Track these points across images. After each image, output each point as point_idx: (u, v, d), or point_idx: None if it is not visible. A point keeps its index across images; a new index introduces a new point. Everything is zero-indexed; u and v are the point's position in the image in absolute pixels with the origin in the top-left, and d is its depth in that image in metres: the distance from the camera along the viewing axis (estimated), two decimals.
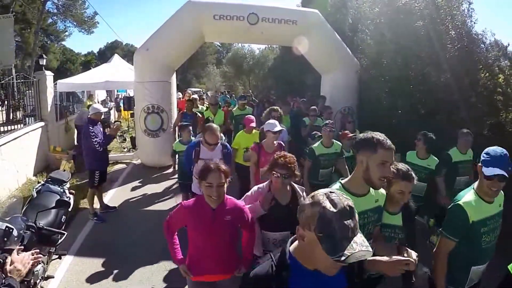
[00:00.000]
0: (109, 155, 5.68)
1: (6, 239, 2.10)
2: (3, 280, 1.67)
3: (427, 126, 5.45)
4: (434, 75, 5.72)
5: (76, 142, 9.27)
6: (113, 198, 5.87)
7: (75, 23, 22.70)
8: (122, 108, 12.79)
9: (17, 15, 16.37)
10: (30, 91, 7.76)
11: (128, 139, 9.96)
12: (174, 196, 5.80)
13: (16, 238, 2.20)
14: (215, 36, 8.68)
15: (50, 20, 23.26)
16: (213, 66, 34.69)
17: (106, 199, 5.60)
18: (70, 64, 38.89)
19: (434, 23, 5.71)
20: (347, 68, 7.67)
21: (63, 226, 3.27)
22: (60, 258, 3.52)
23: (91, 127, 4.67)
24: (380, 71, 6.73)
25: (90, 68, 16.22)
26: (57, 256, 3.40)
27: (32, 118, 7.48)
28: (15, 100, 8.53)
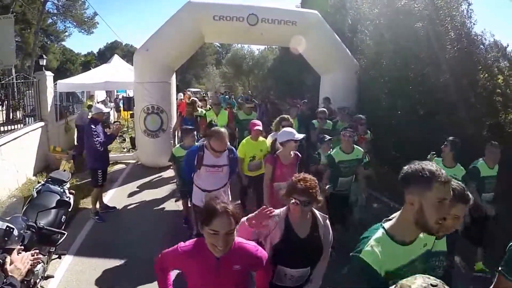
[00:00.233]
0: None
1: (6, 239, 2.11)
2: (5, 280, 1.68)
3: (427, 127, 5.48)
4: (433, 76, 5.74)
5: (76, 142, 9.28)
6: (112, 198, 5.88)
7: (75, 24, 22.72)
8: (122, 108, 12.80)
9: (17, 15, 16.35)
10: (30, 91, 7.76)
11: (127, 139, 9.97)
12: (174, 197, 5.80)
13: (16, 238, 2.20)
14: (214, 37, 8.69)
15: (50, 21, 23.28)
16: (212, 66, 34.71)
17: (106, 199, 5.60)
18: (70, 64, 38.93)
19: (434, 24, 5.73)
20: (347, 68, 7.68)
21: (63, 226, 3.27)
22: (60, 258, 3.53)
23: (93, 126, 4.69)
24: (380, 71, 6.75)
25: (90, 68, 16.22)
26: (57, 256, 3.41)
27: (32, 118, 7.48)
28: (15, 100, 8.53)
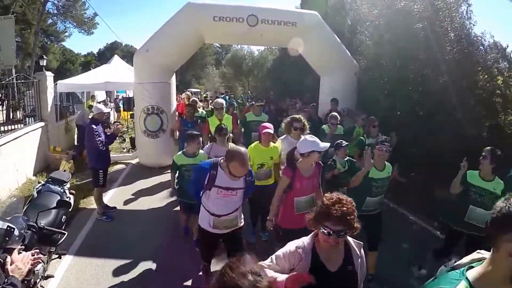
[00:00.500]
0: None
1: (7, 239, 2.11)
2: (6, 279, 1.69)
3: (426, 128, 5.49)
4: (433, 77, 5.75)
5: (76, 142, 9.28)
6: (112, 198, 5.88)
7: (75, 24, 22.67)
8: (122, 108, 12.81)
9: (17, 15, 16.34)
10: (30, 91, 7.77)
11: (127, 139, 9.98)
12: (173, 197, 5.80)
13: (17, 238, 2.21)
14: (214, 38, 8.70)
15: (50, 21, 23.22)
16: (212, 67, 34.73)
17: (106, 199, 5.60)
18: (70, 64, 38.95)
19: (433, 25, 5.75)
20: (346, 69, 7.69)
21: (63, 226, 3.28)
22: (60, 258, 3.54)
23: (95, 126, 4.69)
24: (379, 72, 6.76)
25: (90, 69, 16.23)
26: (57, 256, 3.42)
27: (32, 118, 7.49)
28: (15, 100, 8.54)
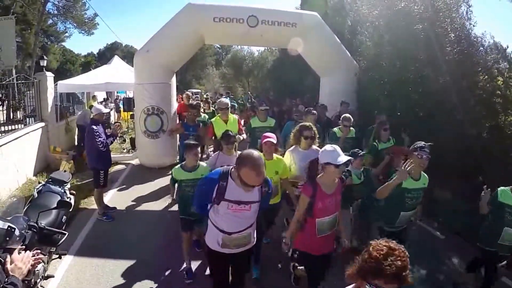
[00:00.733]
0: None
1: (8, 239, 2.11)
2: (6, 279, 1.69)
3: (426, 128, 5.49)
4: (433, 78, 5.75)
5: (76, 143, 9.29)
6: (112, 198, 5.89)
7: (75, 24, 22.66)
8: (122, 109, 12.82)
9: (17, 16, 16.34)
10: (30, 92, 7.78)
11: (127, 140, 9.98)
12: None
13: (18, 238, 2.21)
14: (214, 38, 8.71)
15: (51, 21, 23.18)
16: (212, 67, 34.75)
17: (106, 200, 5.60)
18: (70, 65, 39.01)
19: (433, 26, 5.75)
20: (346, 70, 7.69)
21: (64, 226, 3.28)
22: (60, 258, 3.54)
23: (95, 127, 4.69)
24: (379, 73, 6.76)
25: (90, 69, 16.24)
26: (57, 256, 3.42)
27: (33, 119, 7.50)
28: (16, 101, 8.54)
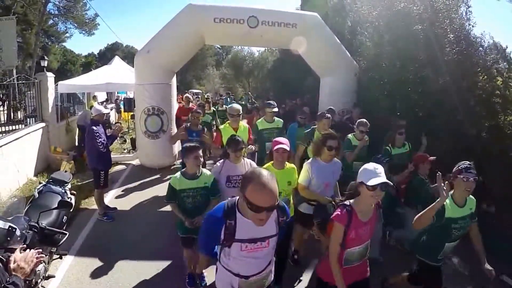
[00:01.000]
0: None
1: (9, 239, 2.13)
2: (8, 278, 1.71)
3: (426, 128, 5.50)
4: (432, 78, 5.76)
5: (77, 143, 9.31)
6: (113, 198, 5.91)
7: (75, 25, 22.70)
8: (122, 109, 12.84)
9: (18, 16, 16.39)
10: (31, 92, 7.80)
11: (128, 140, 10.00)
12: None
13: (19, 238, 2.23)
14: (215, 39, 8.72)
15: (51, 22, 23.26)
16: (212, 68, 34.83)
17: (107, 200, 5.62)
18: (70, 65, 39.11)
19: (433, 26, 5.76)
20: (346, 70, 7.71)
21: (64, 227, 3.30)
22: (61, 258, 3.56)
23: (95, 127, 4.70)
24: (379, 73, 6.77)
25: (91, 69, 16.30)
26: (58, 256, 3.44)
27: (33, 119, 7.52)
28: (16, 101, 8.56)
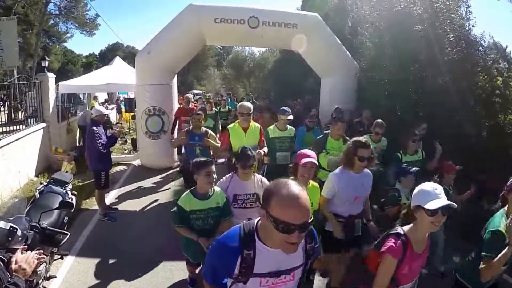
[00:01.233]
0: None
1: (10, 239, 2.14)
2: (9, 279, 1.71)
3: (426, 128, 5.50)
4: (432, 78, 5.77)
5: (78, 143, 9.33)
6: (114, 199, 5.92)
7: (76, 25, 22.76)
8: (123, 110, 12.85)
9: (19, 16, 16.42)
10: (31, 92, 7.81)
11: (129, 140, 10.01)
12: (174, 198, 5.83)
13: (20, 238, 2.23)
14: (216, 39, 8.72)
15: (52, 22, 23.32)
16: (213, 68, 34.80)
17: (108, 200, 5.63)
18: (71, 65, 39.17)
19: (433, 27, 5.77)
20: (347, 70, 7.71)
21: (66, 227, 3.31)
22: (62, 258, 3.57)
23: (95, 128, 4.70)
24: (379, 73, 6.77)
25: (91, 70, 16.31)
26: (59, 256, 3.45)
27: (34, 119, 7.54)
28: (17, 101, 8.58)
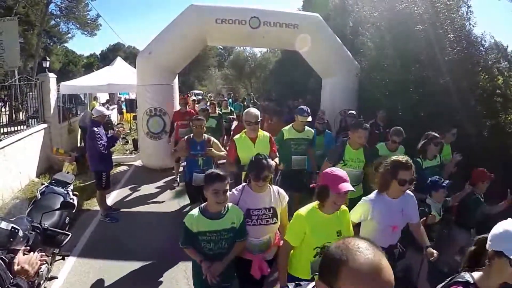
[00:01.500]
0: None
1: (12, 240, 2.14)
2: (11, 280, 1.72)
3: (427, 128, 5.50)
4: (433, 78, 5.76)
5: (79, 144, 9.34)
6: (115, 200, 5.92)
7: (77, 25, 22.84)
8: (124, 110, 12.87)
9: (20, 17, 16.45)
10: (32, 93, 7.82)
11: (130, 141, 10.02)
12: (176, 198, 5.84)
13: (21, 239, 2.23)
14: (217, 40, 8.73)
15: (53, 22, 23.39)
16: (215, 68, 34.86)
17: (109, 201, 5.63)
18: (72, 66, 39.26)
19: (433, 27, 5.77)
20: (348, 71, 7.71)
21: (67, 227, 3.31)
22: (63, 259, 3.57)
23: (96, 129, 4.69)
24: (380, 73, 6.77)
25: (93, 70, 16.34)
26: (60, 257, 3.45)
27: (35, 120, 7.55)
28: (18, 102, 8.59)
